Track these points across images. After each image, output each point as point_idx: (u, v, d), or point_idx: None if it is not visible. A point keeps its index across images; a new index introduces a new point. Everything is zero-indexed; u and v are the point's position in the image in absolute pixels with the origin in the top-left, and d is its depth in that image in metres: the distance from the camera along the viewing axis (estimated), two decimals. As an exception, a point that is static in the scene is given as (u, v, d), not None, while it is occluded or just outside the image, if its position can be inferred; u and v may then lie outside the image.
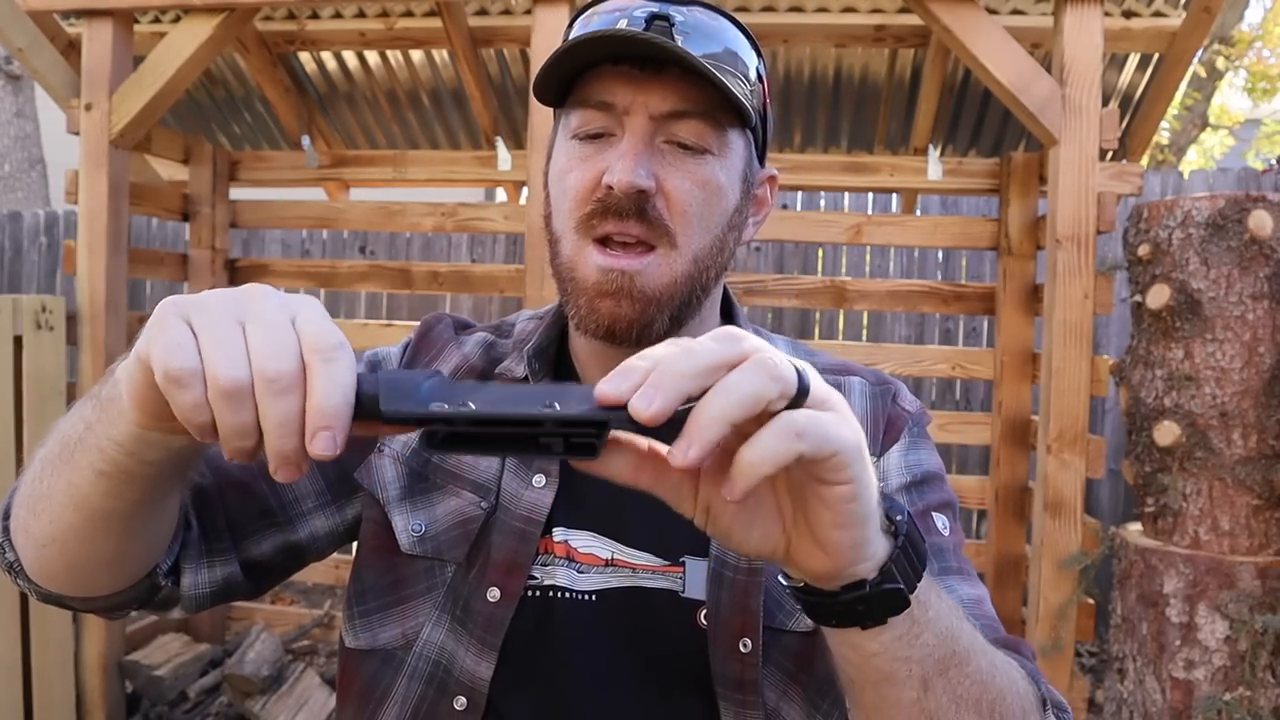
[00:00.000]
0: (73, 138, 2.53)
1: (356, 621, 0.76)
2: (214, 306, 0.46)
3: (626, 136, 0.68)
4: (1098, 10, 2.17)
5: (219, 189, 3.12)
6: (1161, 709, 2.13)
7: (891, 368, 2.81)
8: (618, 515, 0.73)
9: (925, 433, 0.81)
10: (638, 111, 0.68)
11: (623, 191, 0.66)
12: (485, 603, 0.71)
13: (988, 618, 0.71)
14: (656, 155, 0.68)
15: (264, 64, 3.18)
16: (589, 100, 0.69)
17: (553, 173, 0.74)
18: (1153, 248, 2.22)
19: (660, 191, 0.68)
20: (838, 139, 3.54)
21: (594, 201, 0.68)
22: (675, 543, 0.72)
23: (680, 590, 0.71)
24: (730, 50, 0.69)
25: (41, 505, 0.61)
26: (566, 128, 0.72)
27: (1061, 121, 2.17)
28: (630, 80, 0.67)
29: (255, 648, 2.80)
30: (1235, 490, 2.13)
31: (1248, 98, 8.02)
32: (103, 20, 2.49)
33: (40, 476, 0.61)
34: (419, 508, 0.76)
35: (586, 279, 0.69)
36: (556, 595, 0.72)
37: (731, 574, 0.70)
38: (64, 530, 0.60)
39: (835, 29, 2.85)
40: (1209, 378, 2.14)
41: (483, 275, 3.08)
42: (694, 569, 0.72)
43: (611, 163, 0.67)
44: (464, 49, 2.96)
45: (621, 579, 0.72)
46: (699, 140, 0.69)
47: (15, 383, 2.35)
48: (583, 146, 0.70)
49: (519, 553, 0.72)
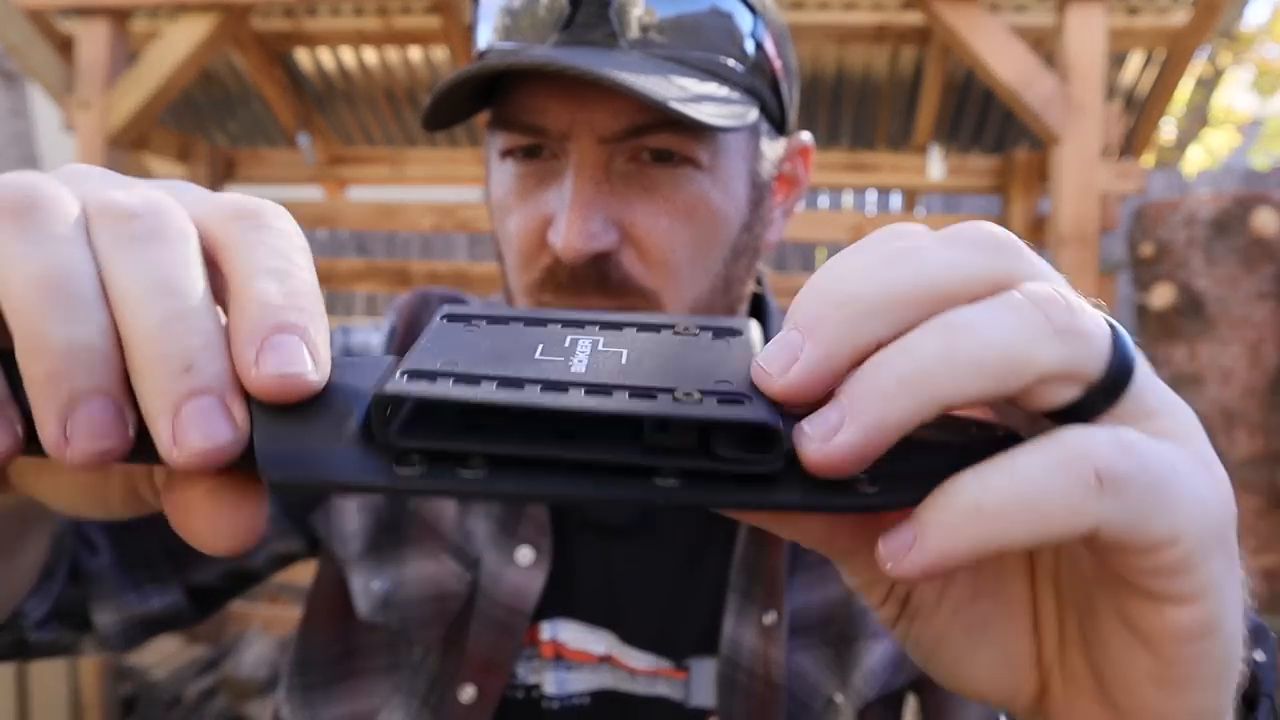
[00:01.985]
0: (68, 136, 2.52)
1: (296, 695, 0.63)
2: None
3: (569, 174, 0.49)
4: (1101, 8, 2.16)
5: (216, 187, 3.10)
6: (1165, 713, 2.12)
7: (892, 368, 2.80)
8: (615, 602, 0.62)
9: None
10: (580, 134, 0.49)
11: (571, 263, 0.49)
12: (457, 704, 0.59)
13: None
14: (617, 189, 0.50)
15: (261, 62, 3.17)
16: (513, 121, 0.51)
17: (492, 200, 0.56)
18: (1156, 247, 2.21)
19: (627, 241, 0.50)
20: (839, 137, 3.53)
21: (540, 270, 0.52)
22: (679, 638, 0.60)
23: (685, 700, 0.59)
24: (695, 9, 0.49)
25: None
26: (492, 147, 0.55)
27: (1064, 120, 2.15)
28: (564, 93, 0.48)
29: (252, 649, 2.79)
30: (1239, 491, 2.11)
31: (1254, 94, 7.99)
32: (98, 18, 2.48)
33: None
34: (384, 563, 0.61)
35: None
36: (541, 701, 0.60)
37: (746, 679, 0.58)
38: None
39: (836, 27, 2.83)
40: (1213, 378, 2.12)
41: (482, 275, 3.07)
42: (699, 671, 0.59)
43: (555, 211, 0.50)
44: (463, 47, 2.94)
45: (618, 681, 0.60)
46: (677, 148, 0.50)
47: (10, 383, 2.34)
48: (521, 169, 0.53)
49: (500, 648, 0.59)
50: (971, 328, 0.20)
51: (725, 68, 0.50)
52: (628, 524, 0.61)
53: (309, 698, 0.62)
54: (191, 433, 0.20)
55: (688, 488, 0.20)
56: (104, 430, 0.20)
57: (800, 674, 0.58)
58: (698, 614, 0.59)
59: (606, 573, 0.61)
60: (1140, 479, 0.20)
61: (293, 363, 0.21)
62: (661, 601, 0.59)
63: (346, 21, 3.03)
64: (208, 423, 0.20)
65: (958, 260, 0.22)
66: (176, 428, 0.20)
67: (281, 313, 0.21)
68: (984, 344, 0.20)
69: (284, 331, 0.21)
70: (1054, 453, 0.20)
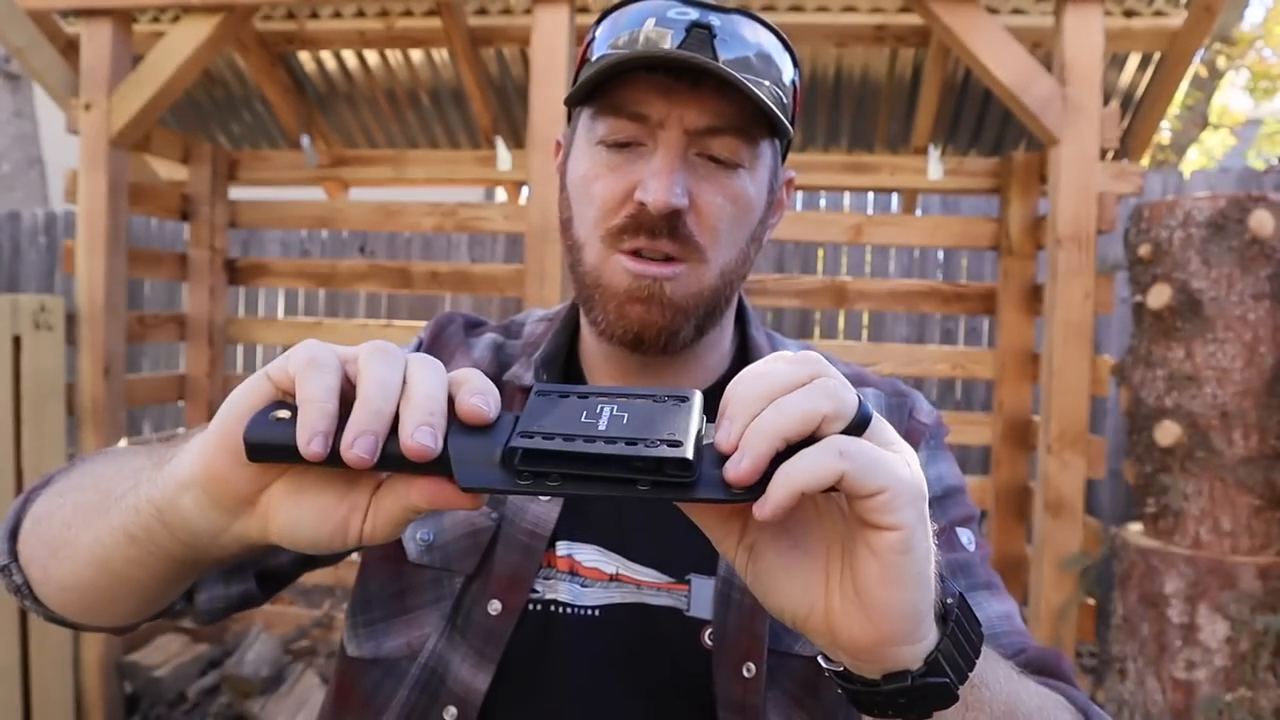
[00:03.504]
0: (71, 137, 2.53)
1: (360, 630, 0.75)
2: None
3: (660, 151, 0.66)
4: (1098, 9, 2.17)
5: (218, 189, 3.12)
6: (1162, 710, 2.12)
7: (892, 368, 2.81)
8: (623, 530, 0.72)
9: (944, 445, 0.79)
10: (672, 125, 0.65)
11: (658, 211, 0.64)
12: (486, 615, 0.70)
13: (1018, 633, 0.71)
14: (689, 170, 0.66)
15: (263, 63, 3.18)
16: (621, 109, 0.67)
17: (574, 177, 0.71)
18: (1154, 247, 2.22)
19: (693, 208, 0.66)
20: (838, 138, 3.54)
21: (624, 216, 0.67)
22: (681, 559, 0.71)
23: (685, 609, 0.70)
24: (765, 54, 0.67)
25: (65, 554, 0.59)
26: (591, 132, 0.69)
27: (1062, 121, 2.17)
28: (665, 91, 0.65)
29: (254, 648, 2.80)
30: (1236, 491, 2.12)
31: (1249, 97, 8.01)
32: (101, 19, 2.49)
33: (70, 523, 0.58)
34: (427, 516, 0.73)
35: (616, 285, 0.68)
36: (558, 610, 0.70)
37: (740, 595, 0.69)
38: (83, 584, 0.59)
39: (835, 28, 2.85)
40: (1210, 378, 2.13)
41: (482, 275, 3.08)
42: (700, 587, 0.70)
43: (645, 178, 0.65)
44: (464, 49, 2.95)
45: (625, 595, 0.71)
46: (732, 156, 0.67)
47: (14, 383, 2.34)
48: (610, 155, 0.68)
49: (522, 566, 0.70)
50: (792, 402, 0.42)
51: (777, 97, 0.67)
52: None
53: (372, 631, 0.74)
54: (416, 439, 0.42)
55: (654, 490, 0.42)
56: (368, 448, 0.42)
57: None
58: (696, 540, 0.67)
59: (616, 505, 0.72)
60: (862, 455, 0.41)
61: (425, 438, 0.42)
62: (665, 528, 0.69)
63: (348, 23, 3.04)
64: (425, 437, 0.42)
65: (788, 373, 0.44)
66: (412, 436, 0.42)
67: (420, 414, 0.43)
68: (797, 405, 0.42)
69: (423, 424, 0.43)
70: (822, 443, 0.42)
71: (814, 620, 0.45)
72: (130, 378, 2.78)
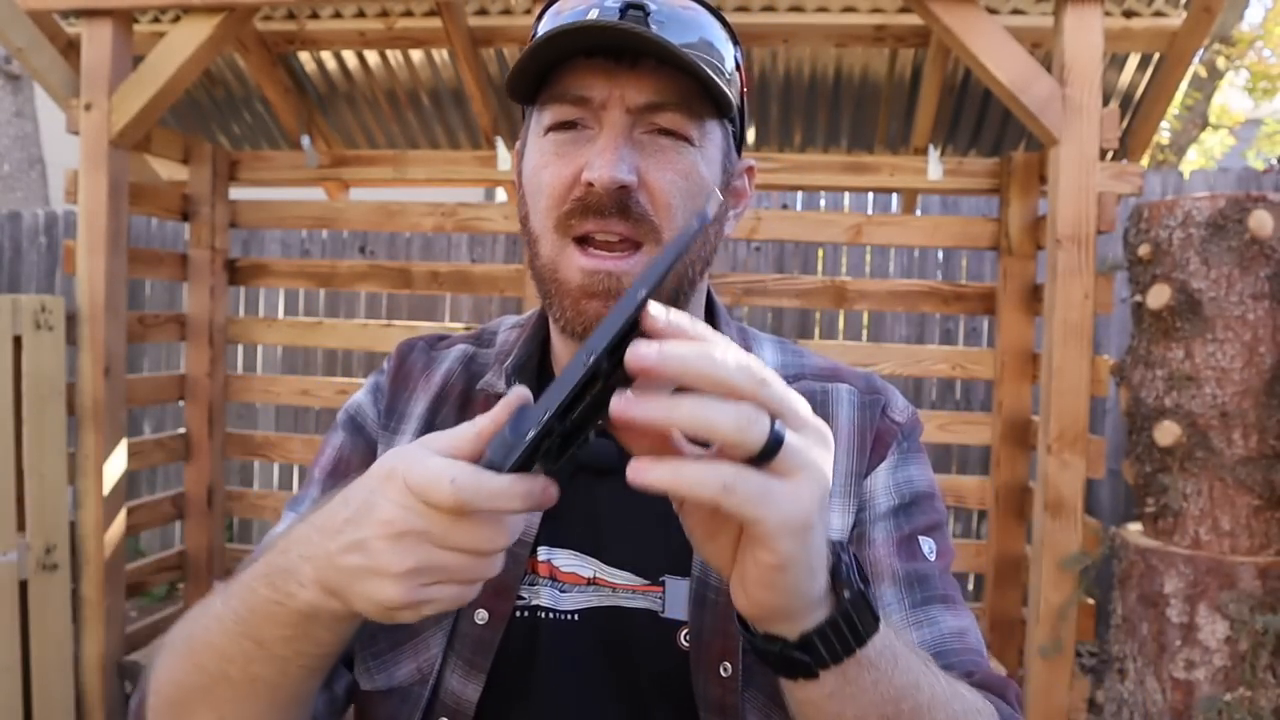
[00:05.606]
0: (72, 137, 2.53)
1: (370, 664, 0.74)
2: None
3: (604, 131, 0.66)
4: (1098, 10, 2.17)
5: (218, 189, 3.12)
6: (1162, 709, 2.13)
7: (891, 368, 2.81)
8: (598, 534, 0.72)
9: (917, 445, 0.78)
10: (614, 105, 0.65)
11: (604, 188, 0.64)
12: (473, 625, 0.70)
13: (971, 651, 0.69)
14: (636, 148, 0.66)
15: (264, 64, 3.18)
16: (564, 95, 0.67)
17: (526, 170, 0.71)
18: (1153, 248, 2.22)
19: (643, 185, 0.66)
20: (838, 139, 3.54)
21: (572, 200, 0.66)
22: (654, 562, 0.71)
23: (660, 610, 0.70)
24: (706, 39, 0.67)
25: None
26: (539, 124, 0.70)
27: (1062, 121, 2.17)
28: (605, 73, 0.65)
29: (255, 648, 2.79)
30: (1236, 490, 2.12)
31: (1248, 98, 8.02)
32: (102, 20, 2.49)
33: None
34: None
35: (570, 280, 0.67)
36: (542, 615, 0.71)
37: (714, 596, 0.69)
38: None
39: (835, 29, 2.85)
40: (1209, 378, 2.14)
41: (483, 275, 3.08)
42: (674, 589, 0.71)
43: (590, 158, 0.65)
44: (464, 49, 2.95)
45: (602, 598, 0.71)
46: (679, 129, 0.67)
47: (15, 383, 2.34)
48: (558, 143, 0.68)
49: (509, 574, 0.69)
50: (708, 409, 0.42)
51: (719, 69, 0.67)
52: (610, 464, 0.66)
53: (382, 664, 0.73)
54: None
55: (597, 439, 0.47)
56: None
57: None
58: (669, 542, 0.69)
59: (592, 509, 0.73)
60: (750, 494, 0.43)
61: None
62: (638, 532, 0.70)
63: (348, 23, 3.04)
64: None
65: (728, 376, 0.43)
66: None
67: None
68: (704, 415, 0.42)
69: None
70: (714, 468, 0.43)
71: (723, 575, 0.50)
72: (130, 378, 2.78)
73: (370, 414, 0.81)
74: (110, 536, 2.59)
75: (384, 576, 0.48)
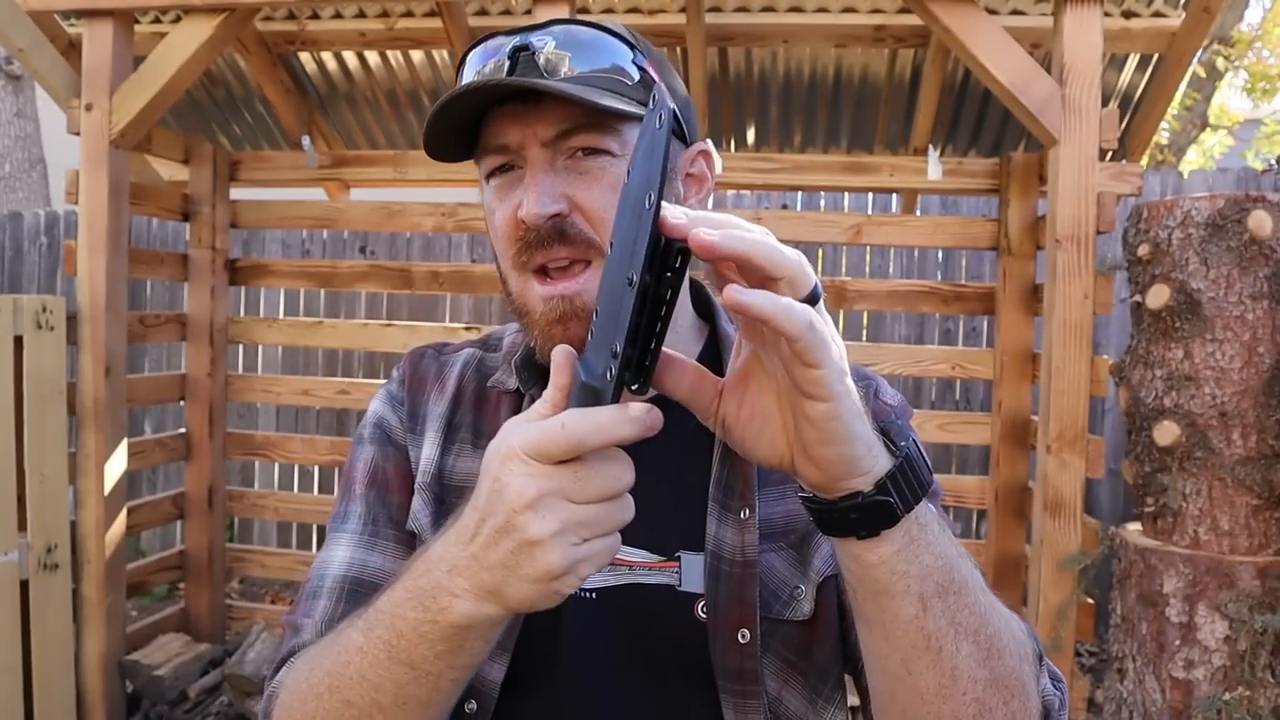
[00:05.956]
0: (73, 138, 2.53)
1: None
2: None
3: (528, 170, 0.71)
4: (1097, 10, 2.18)
5: (219, 189, 3.12)
6: (1161, 709, 2.13)
7: (891, 368, 2.82)
8: None
9: (910, 425, 0.81)
10: (530, 143, 0.70)
11: (534, 223, 0.69)
12: None
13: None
14: (561, 175, 0.70)
15: (264, 64, 3.18)
16: (488, 145, 0.73)
17: (486, 218, 0.77)
18: (1152, 248, 2.22)
19: (576, 208, 0.70)
20: (838, 139, 3.55)
21: (517, 240, 0.71)
22: (669, 538, 0.74)
23: (677, 584, 0.74)
24: (589, 53, 0.72)
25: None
26: (481, 173, 0.76)
27: (1061, 121, 2.17)
28: (516, 117, 0.70)
29: (255, 647, 2.80)
30: (1235, 490, 2.13)
31: (1247, 98, 8.02)
32: (103, 20, 2.49)
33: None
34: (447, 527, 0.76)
35: (535, 310, 0.72)
36: None
37: (728, 567, 0.72)
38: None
39: (835, 29, 2.85)
40: (1208, 378, 2.14)
41: (483, 275, 3.09)
42: (689, 563, 0.74)
43: (521, 199, 0.70)
44: (464, 49, 2.96)
45: (620, 577, 0.74)
46: (596, 144, 0.70)
47: (16, 383, 2.35)
48: (498, 188, 0.73)
49: None
50: (771, 245, 0.49)
51: (622, 84, 0.71)
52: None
53: None
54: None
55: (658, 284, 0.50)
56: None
57: (771, 570, 0.74)
58: (683, 520, 0.74)
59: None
60: (820, 333, 0.48)
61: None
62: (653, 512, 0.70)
63: (349, 24, 3.04)
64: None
65: (771, 241, 0.50)
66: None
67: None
68: (769, 249, 0.49)
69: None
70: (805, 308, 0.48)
71: (783, 467, 0.55)
72: (131, 377, 2.78)
73: (394, 421, 0.85)
74: (111, 536, 2.59)
75: (537, 546, 0.50)
